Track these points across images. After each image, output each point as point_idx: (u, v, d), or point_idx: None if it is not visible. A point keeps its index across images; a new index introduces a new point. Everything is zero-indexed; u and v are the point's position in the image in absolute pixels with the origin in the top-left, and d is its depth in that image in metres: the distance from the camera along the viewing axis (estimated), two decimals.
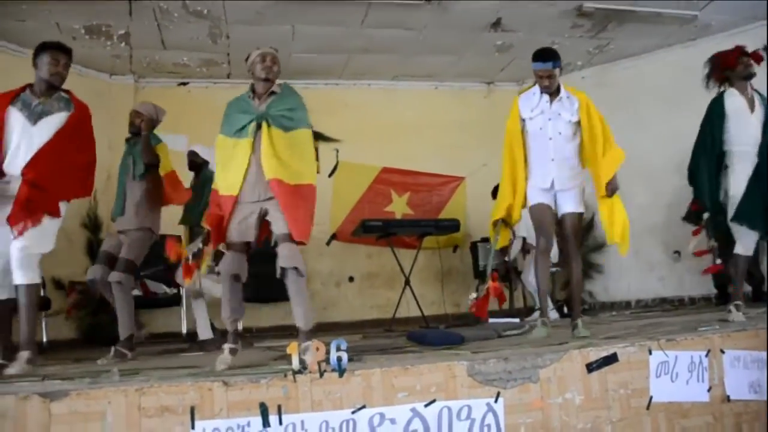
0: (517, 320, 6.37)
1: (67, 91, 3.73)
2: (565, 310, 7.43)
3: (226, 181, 3.49)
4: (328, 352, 2.68)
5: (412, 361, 2.89)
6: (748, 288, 6.81)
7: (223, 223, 3.48)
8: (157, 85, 7.67)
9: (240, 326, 3.57)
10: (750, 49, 4.66)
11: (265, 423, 2.56)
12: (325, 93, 7.82)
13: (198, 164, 5.66)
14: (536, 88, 4.17)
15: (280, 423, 2.58)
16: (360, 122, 7.72)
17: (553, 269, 7.62)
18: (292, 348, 2.68)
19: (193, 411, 2.52)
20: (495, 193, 6.87)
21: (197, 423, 2.52)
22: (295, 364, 2.65)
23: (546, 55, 4.04)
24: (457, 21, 6.54)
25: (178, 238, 4.73)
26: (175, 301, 6.61)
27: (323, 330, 6.96)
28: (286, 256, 3.30)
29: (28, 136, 3.50)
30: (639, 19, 6.65)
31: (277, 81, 3.64)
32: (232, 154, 3.48)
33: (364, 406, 2.67)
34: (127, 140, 4.90)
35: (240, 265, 3.44)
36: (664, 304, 7.43)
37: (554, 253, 6.57)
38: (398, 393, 2.73)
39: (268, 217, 3.43)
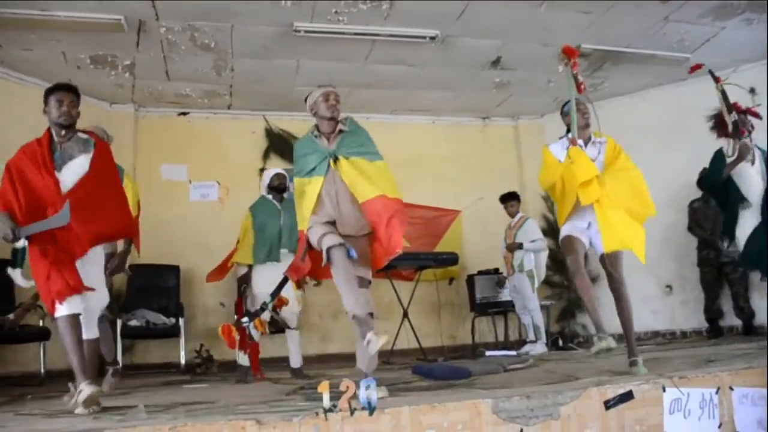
0: (514, 353, 6.45)
1: (87, 132, 3.69)
2: (560, 342, 7.54)
3: (301, 217, 3.59)
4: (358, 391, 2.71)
5: (439, 399, 2.93)
6: (738, 322, 6.97)
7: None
8: (157, 115, 7.72)
9: None
10: (737, 91, 4.90)
11: None
12: None
13: (286, 188, 5.64)
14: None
15: None
16: None
17: (547, 302, 7.74)
18: (323, 387, 2.71)
19: None
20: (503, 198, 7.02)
21: None
22: (326, 402, 2.68)
23: None
24: (459, 58, 6.71)
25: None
26: (173, 332, 6.59)
27: (321, 361, 7.03)
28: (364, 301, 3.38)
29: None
30: (633, 60, 6.87)
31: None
32: (304, 192, 3.57)
33: None
34: None
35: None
36: (656, 338, 7.54)
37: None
38: (426, 430, 2.77)
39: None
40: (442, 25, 6.03)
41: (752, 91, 7.40)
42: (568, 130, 4.11)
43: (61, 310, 3.22)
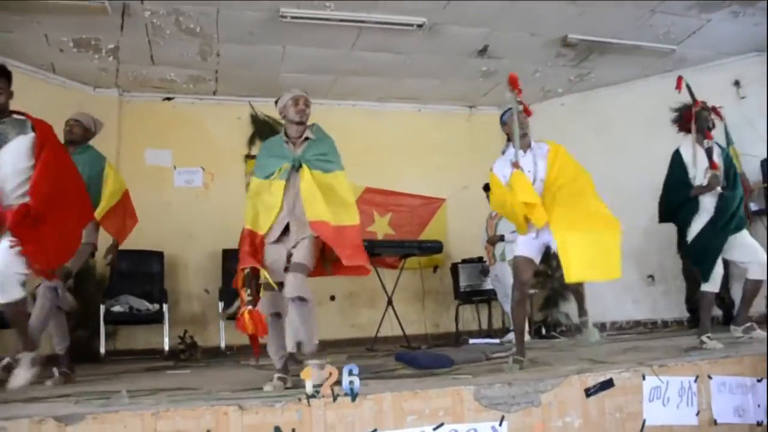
0: (496, 341, 6.50)
1: (22, 113, 3.62)
2: (543, 331, 7.60)
3: (256, 220, 3.61)
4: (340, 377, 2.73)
5: (421, 386, 2.96)
6: (718, 312, 7.04)
7: (257, 255, 3.53)
8: (141, 99, 7.64)
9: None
10: (722, 84, 4.93)
11: None
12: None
13: None
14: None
15: None
16: (344, 142, 7.65)
17: (530, 291, 7.77)
18: (306, 373, 2.72)
19: None
20: (486, 187, 7.02)
21: None
22: (309, 388, 2.69)
23: None
24: (446, 46, 6.70)
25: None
26: (157, 318, 6.57)
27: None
28: (293, 285, 3.33)
29: None
30: (620, 50, 6.89)
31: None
32: (264, 197, 3.60)
33: (375, 430, 2.72)
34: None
35: (277, 303, 3.46)
36: (638, 327, 7.62)
37: None
38: (408, 416, 2.79)
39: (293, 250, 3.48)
40: (429, 12, 6.01)
41: (737, 83, 7.48)
42: (509, 139, 4.33)
43: None
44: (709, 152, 4.67)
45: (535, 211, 3.94)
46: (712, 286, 4.61)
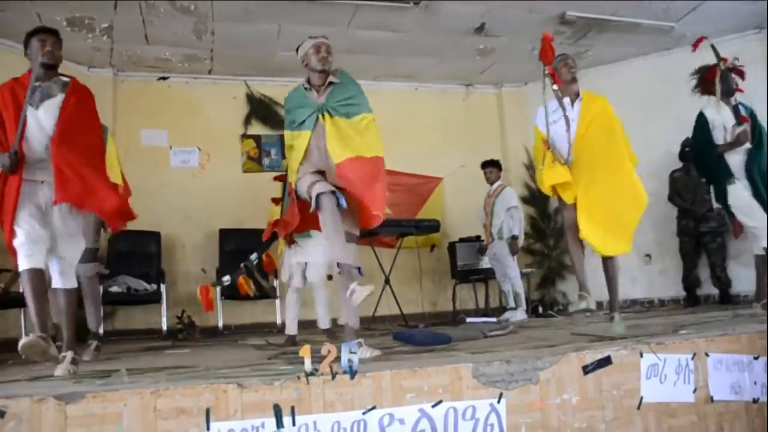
0: (493, 320, 6.52)
1: (69, 76, 3.63)
2: (540, 310, 7.64)
3: (290, 170, 3.64)
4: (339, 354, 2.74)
5: (420, 363, 2.96)
6: (715, 291, 7.09)
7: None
8: (136, 79, 7.59)
9: None
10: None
11: (279, 424, 2.60)
12: None
13: None
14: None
15: (294, 424, 2.62)
16: None
17: (528, 270, 7.82)
18: (305, 351, 2.72)
19: (209, 413, 2.54)
20: (483, 164, 7.02)
21: (212, 424, 2.54)
22: (308, 366, 2.70)
23: None
24: (443, 24, 6.64)
25: None
26: (154, 298, 6.58)
27: (303, 327, 7.02)
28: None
29: (35, 121, 3.41)
30: (618, 28, 6.85)
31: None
32: (296, 148, 3.57)
33: (374, 407, 2.73)
34: None
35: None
36: (635, 306, 7.66)
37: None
38: (407, 394, 2.80)
39: None
40: None
41: (736, 61, 7.43)
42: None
43: (22, 263, 3.24)
44: (735, 110, 4.65)
45: (565, 189, 4.00)
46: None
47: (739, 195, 4.66)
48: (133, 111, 7.45)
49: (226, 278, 4.49)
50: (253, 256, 4.42)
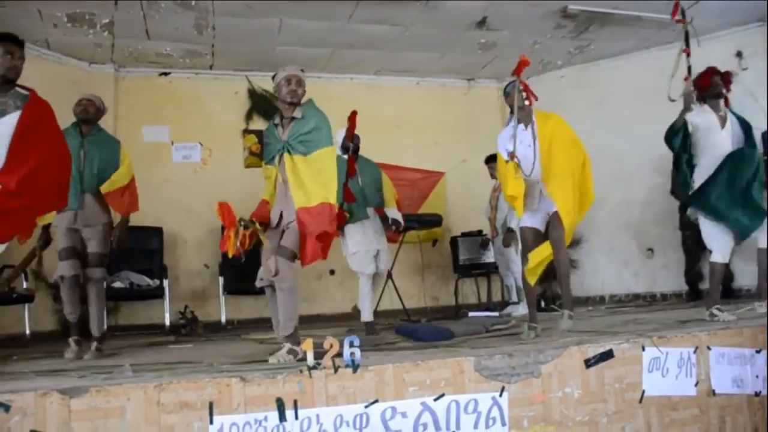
0: (496, 314, 6.53)
1: (27, 88, 3.46)
2: (542, 304, 7.63)
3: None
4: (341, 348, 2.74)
5: (422, 357, 2.97)
6: None
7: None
8: (138, 75, 7.57)
9: None
10: (724, 55, 4.89)
11: (282, 417, 2.61)
12: (307, 85, 7.82)
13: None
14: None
15: (296, 417, 2.63)
16: (341, 116, 7.63)
17: None
18: (308, 345, 2.73)
19: (212, 406, 2.56)
20: (486, 160, 7.02)
21: (215, 418, 2.56)
22: (310, 360, 2.71)
23: None
24: (444, 19, 6.61)
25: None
26: (157, 294, 6.60)
27: (305, 322, 7.02)
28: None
29: None
30: (620, 21, 6.82)
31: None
32: (267, 177, 3.74)
33: (376, 401, 2.74)
34: (76, 126, 4.54)
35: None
36: (637, 300, 7.65)
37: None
38: (409, 387, 2.81)
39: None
40: None
41: (739, 54, 7.42)
42: (512, 111, 4.30)
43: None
44: (722, 119, 4.64)
45: (516, 203, 4.19)
46: (723, 256, 4.58)
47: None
48: (135, 107, 7.44)
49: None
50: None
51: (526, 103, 4.27)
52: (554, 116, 4.38)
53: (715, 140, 4.62)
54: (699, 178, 4.65)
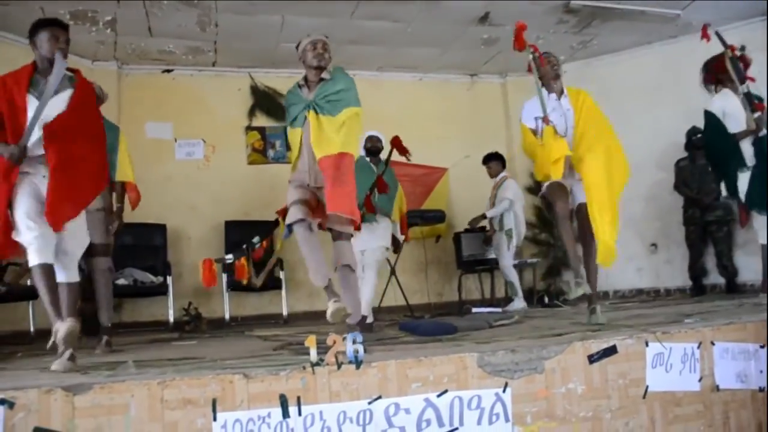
0: (499, 310, 6.53)
1: (74, 70, 3.60)
2: (546, 300, 7.63)
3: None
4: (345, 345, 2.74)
5: (425, 353, 2.97)
6: (721, 280, 7.07)
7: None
8: (140, 72, 7.59)
9: None
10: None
11: (285, 414, 2.61)
12: None
13: (380, 150, 5.70)
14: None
15: (300, 414, 2.63)
16: None
17: (533, 260, 7.82)
18: (311, 341, 2.73)
19: (215, 403, 2.56)
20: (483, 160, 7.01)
21: (219, 415, 2.56)
22: (314, 356, 2.71)
23: None
24: (446, 14, 6.62)
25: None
26: (161, 290, 6.61)
27: (309, 318, 7.08)
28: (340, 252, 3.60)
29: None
30: (623, 16, 6.81)
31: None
32: (291, 142, 3.77)
33: (380, 397, 2.74)
34: None
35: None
36: (641, 295, 7.65)
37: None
38: (412, 384, 2.81)
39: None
40: None
41: (743, 48, 7.37)
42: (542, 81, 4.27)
43: (33, 258, 3.24)
44: (748, 97, 4.63)
45: (557, 165, 4.04)
46: None
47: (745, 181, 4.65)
48: (138, 104, 7.45)
49: (229, 256, 4.52)
50: (255, 239, 4.45)
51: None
52: (584, 92, 4.32)
53: (743, 123, 4.65)
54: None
